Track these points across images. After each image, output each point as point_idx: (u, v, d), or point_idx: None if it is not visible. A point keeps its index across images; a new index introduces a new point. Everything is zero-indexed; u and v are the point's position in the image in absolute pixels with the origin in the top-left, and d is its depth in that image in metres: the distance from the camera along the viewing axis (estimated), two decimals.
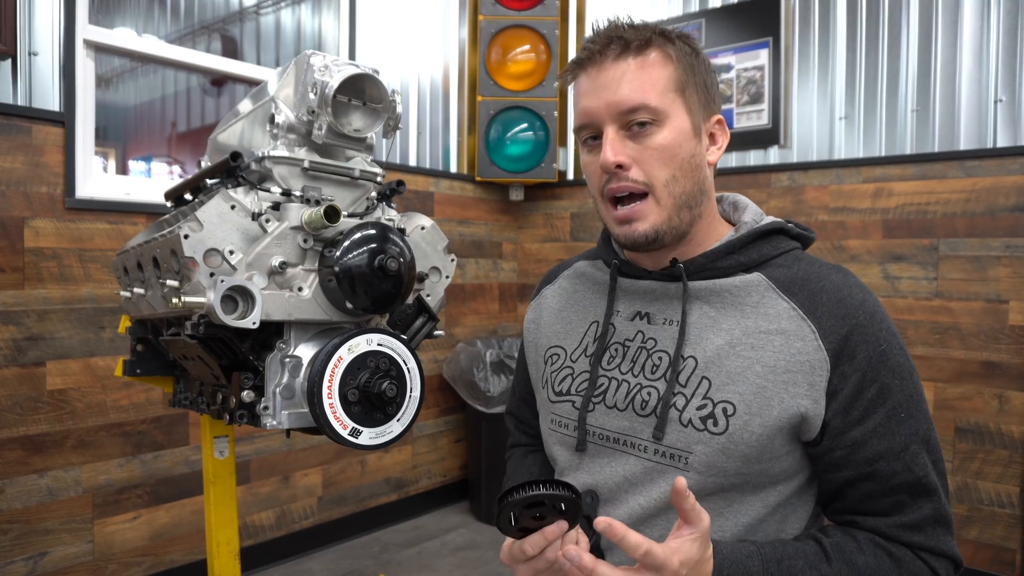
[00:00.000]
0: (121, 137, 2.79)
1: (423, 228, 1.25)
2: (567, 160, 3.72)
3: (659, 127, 0.85)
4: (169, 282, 1.07)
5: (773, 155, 3.00)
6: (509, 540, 0.76)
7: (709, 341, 0.86)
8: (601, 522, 0.68)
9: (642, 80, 0.85)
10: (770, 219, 0.94)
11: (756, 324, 0.84)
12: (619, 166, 0.85)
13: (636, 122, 0.85)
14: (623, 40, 0.86)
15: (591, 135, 0.90)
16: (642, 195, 0.86)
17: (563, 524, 0.73)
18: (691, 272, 0.90)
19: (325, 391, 1.02)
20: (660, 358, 0.89)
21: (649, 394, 0.87)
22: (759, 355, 0.83)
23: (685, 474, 0.83)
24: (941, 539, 0.82)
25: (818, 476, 0.87)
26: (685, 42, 0.90)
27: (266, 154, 1.11)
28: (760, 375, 0.82)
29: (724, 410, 0.82)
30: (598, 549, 0.89)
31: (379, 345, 1.08)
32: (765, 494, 0.85)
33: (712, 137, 0.92)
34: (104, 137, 2.66)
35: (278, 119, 1.13)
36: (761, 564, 0.78)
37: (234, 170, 1.12)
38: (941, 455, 0.85)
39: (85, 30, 2.27)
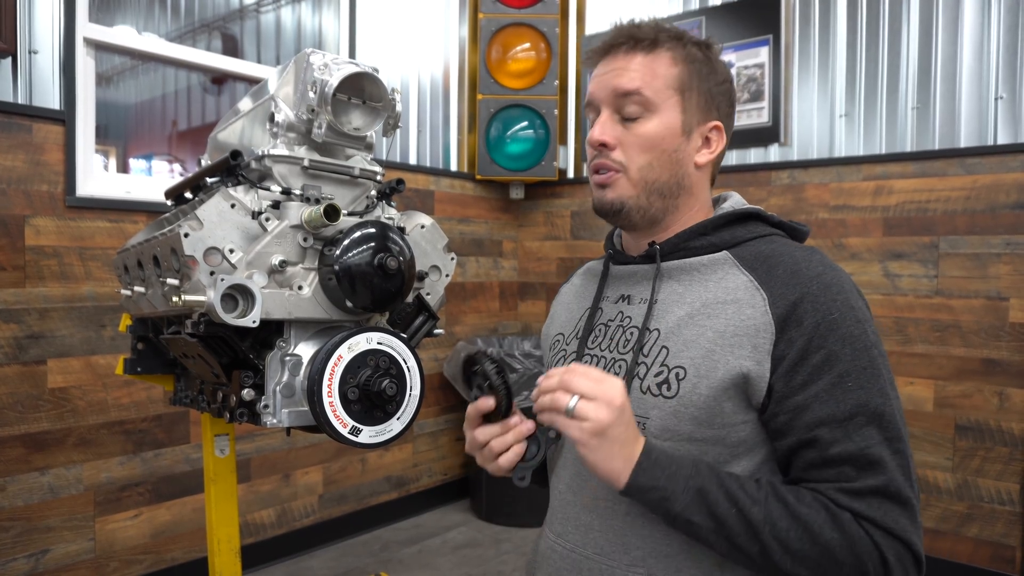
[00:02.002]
0: (121, 135, 2.79)
1: (423, 226, 1.25)
2: (567, 158, 3.72)
3: (648, 118, 0.93)
4: (169, 280, 1.07)
5: (773, 153, 3.00)
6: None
7: (672, 314, 0.91)
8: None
9: (643, 72, 0.92)
10: (748, 206, 0.98)
11: (715, 296, 0.89)
12: (603, 144, 0.93)
13: (628, 108, 0.93)
14: (636, 37, 0.94)
15: (593, 116, 0.98)
16: (615, 172, 0.94)
17: (488, 400, 0.84)
18: (665, 253, 0.96)
19: (325, 389, 1.03)
20: (632, 333, 0.94)
21: (620, 367, 0.93)
22: (712, 323, 0.87)
23: None
24: (889, 513, 0.77)
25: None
26: (699, 49, 0.96)
27: (266, 152, 1.11)
28: (711, 340, 0.86)
29: (676, 375, 0.86)
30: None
31: (379, 344, 1.08)
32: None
33: (707, 141, 0.96)
34: (104, 135, 2.66)
35: (278, 118, 1.13)
36: (692, 463, 0.81)
37: (234, 168, 1.12)
38: (899, 433, 0.81)
39: (85, 28, 2.27)
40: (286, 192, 1.11)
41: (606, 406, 0.77)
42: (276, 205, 1.10)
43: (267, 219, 1.08)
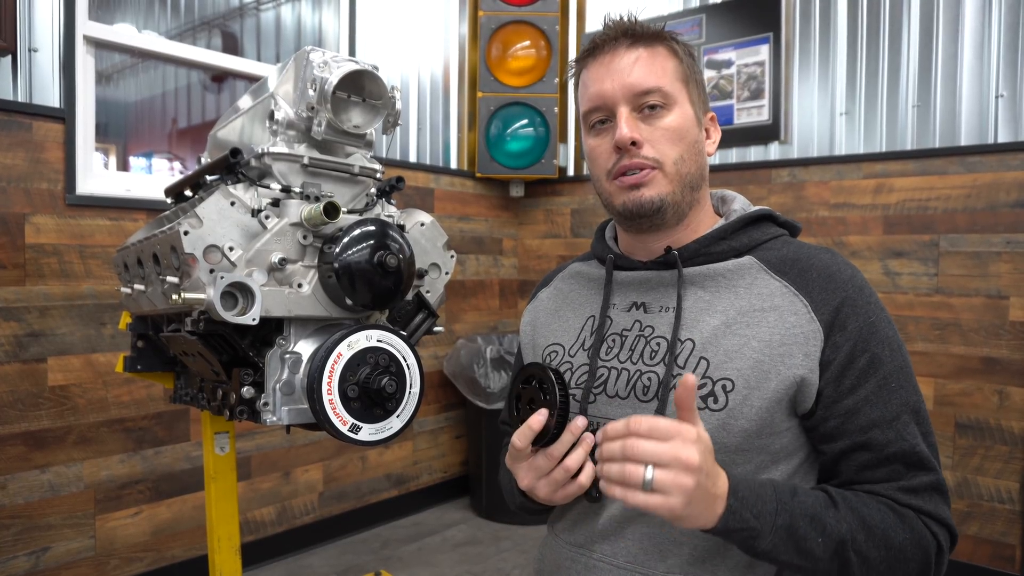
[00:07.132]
0: (121, 133, 2.79)
1: (423, 224, 1.25)
2: (567, 156, 3.71)
3: (669, 110, 0.91)
4: (169, 278, 1.07)
5: (774, 151, 3.00)
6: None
7: (705, 323, 0.89)
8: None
9: (654, 66, 0.91)
10: (758, 207, 0.98)
11: (750, 303, 0.87)
12: (633, 143, 0.89)
13: (648, 104, 0.90)
14: (634, 33, 0.93)
15: (601, 118, 0.94)
16: (652, 169, 0.91)
17: (543, 412, 0.77)
18: (684, 259, 0.93)
19: (325, 387, 1.03)
20: (658, 344, 0.91)
21: (649, 379, 0.89)
22: (755, 332, 0.85)
23: None
24: (939, 507, 0.83)
25: (815, 451, 0.89)
26: (683, 44, 0.97)
27: (266, 150, 1.11)
28: (756, 350, 0.84)
29: (723, 387, 0.84)
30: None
31: (379, 341, 1.08)
32: (767, 474, 0.86)
33: (707, 132, 0.98)
34: (104, 133, 2.66)
35: (278, 115, 1.13)
36: (773, 493, 0.78)
37: (234, 166, 1.12)
38: (931, 428, 0.86)
39: (85, 26, 2.27)
40: (286, 190, 1.11)
41: (685, 472, 0.69)
42: (276, 203, 1.10)
43: (267, 217, 1.08)
